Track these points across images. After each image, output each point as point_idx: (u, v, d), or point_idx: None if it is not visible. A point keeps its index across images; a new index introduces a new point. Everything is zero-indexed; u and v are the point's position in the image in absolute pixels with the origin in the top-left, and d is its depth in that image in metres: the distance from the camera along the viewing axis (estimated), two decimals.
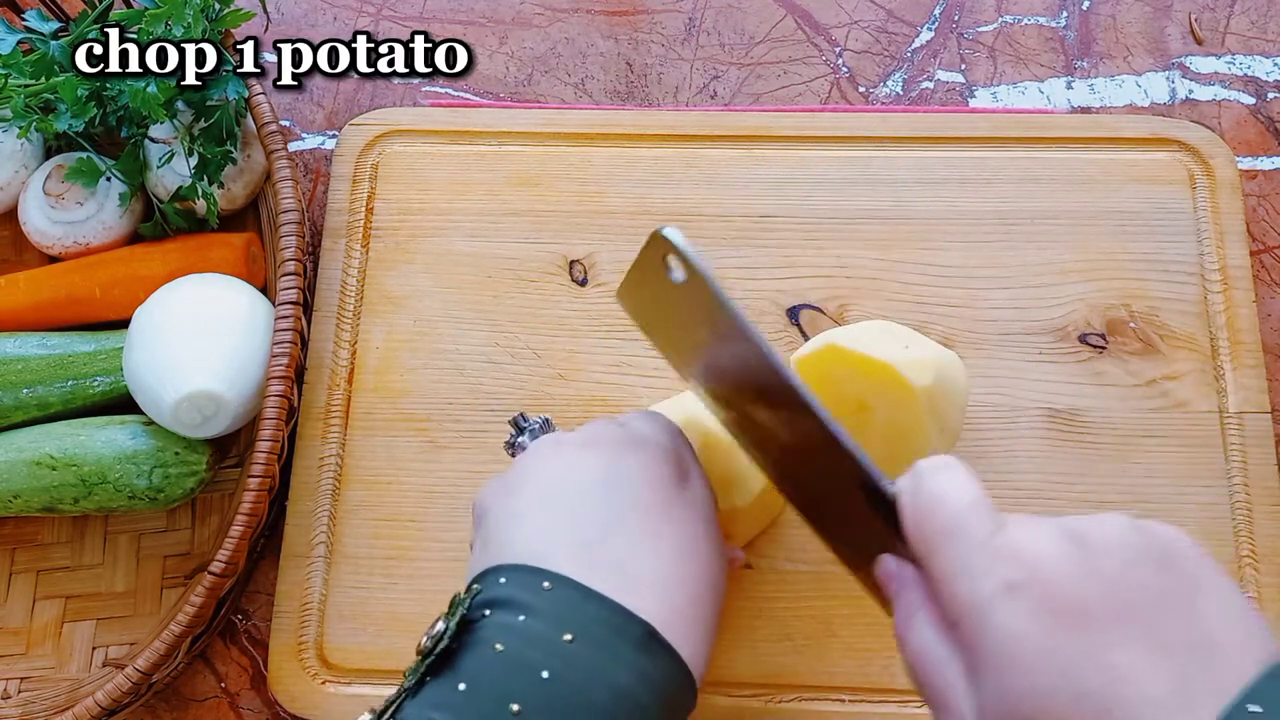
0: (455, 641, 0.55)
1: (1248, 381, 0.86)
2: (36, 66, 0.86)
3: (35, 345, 0.87)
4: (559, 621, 0.55)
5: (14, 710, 0.84)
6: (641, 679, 0.55)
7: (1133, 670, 0.47)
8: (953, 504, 0.54)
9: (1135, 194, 0.92)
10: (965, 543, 0.53)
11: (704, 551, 0.63)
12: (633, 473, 0.63)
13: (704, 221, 0.93)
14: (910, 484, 0.56)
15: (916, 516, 0.55)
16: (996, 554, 0.52)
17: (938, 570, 0.54)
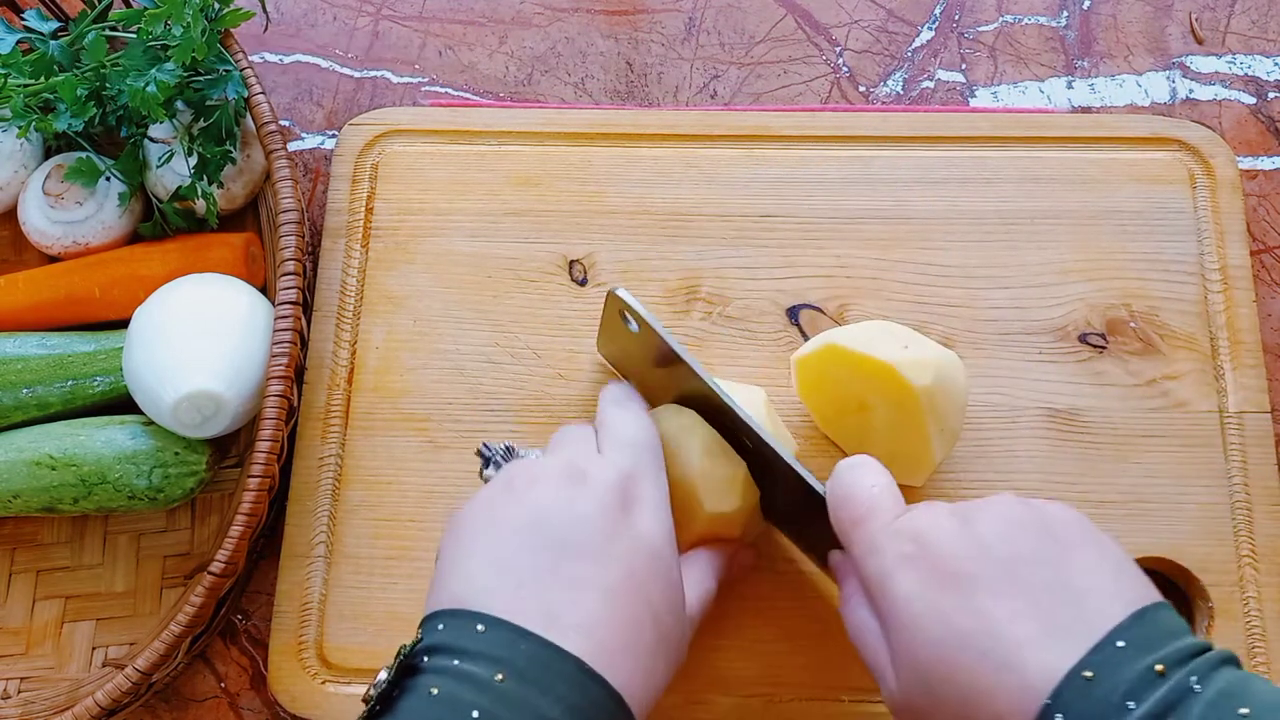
0: (396, 688, 0.57)
1: (1248, 381, 0.86)
2: (36, 66, 0.86)
3: (35, 345, 0.86)
4: (491, 662, 0.56)
5: (14, 710, 0.84)
6: (571, 712, 0.56)
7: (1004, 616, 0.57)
8: (862, 495, 0.66)
9: (1135, 194, 0.92)
10: (872, 525, 0.64)
11: (640, 583, 0.63)
12: (572, 510, 0.64)
13: (704, 221, 0.93)
14: (830, 482, 0.68)
15: (834, 509, 0.67)
16: (896, 533, 0.63)
17: (854, 552, 0.65)
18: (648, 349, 0.78)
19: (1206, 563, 0.82)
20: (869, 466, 0.68)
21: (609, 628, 0.60)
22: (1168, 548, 0.82)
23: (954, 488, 0.84)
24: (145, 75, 0.84)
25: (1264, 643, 0.80)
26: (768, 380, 0.87)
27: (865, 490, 0.66)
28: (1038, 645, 0.55)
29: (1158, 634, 0.55)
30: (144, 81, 0.84)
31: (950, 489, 0.84)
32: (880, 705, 0.79)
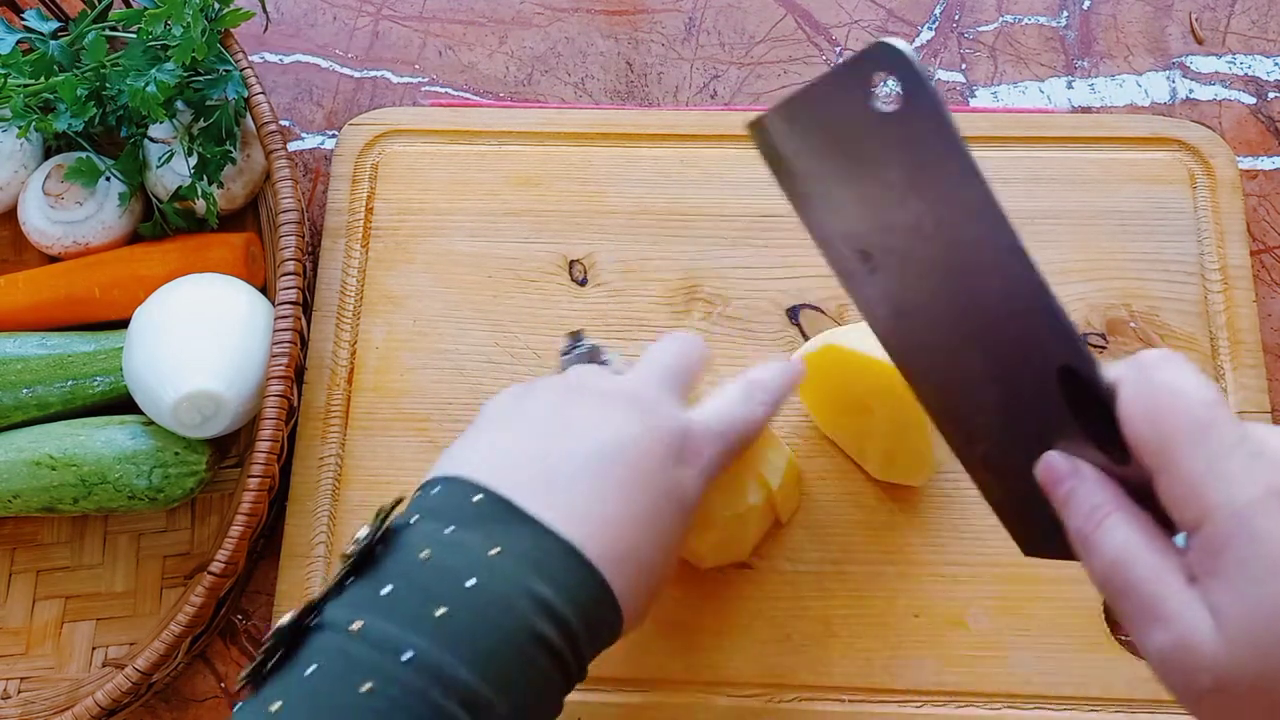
0: (381, 546, 0.56)
1: (1248, 381, 0.86)
2: (36, 66, 0.86)
3: (35, 345, 0.86)
4: (487, 536, 0.55)
5: (14, 710, 0.84)
6: (562, 593, 0.54)
7: None
8: (1194, 400, 0.48)
9: (1135, 193, 0.91)
10: (1215, 444, 0.47)
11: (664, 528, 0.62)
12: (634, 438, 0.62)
13: (704, 221, 0.93)
14: (1135, 374, 0.50)
15: (1150, 412, 0.49)
16: (1256, 458, 0.47)
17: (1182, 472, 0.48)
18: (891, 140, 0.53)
19: None
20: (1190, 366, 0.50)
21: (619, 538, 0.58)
22: None
23: (954, 488, 0.84)
24: (145, 75, 0.84)
25: None
26: None
27: (1197, 395, 0.48)
28: None
29: None
30: (144, 81, 0.84)
31: (950, 489, 0.84)
32: (880, 706, 0.79)
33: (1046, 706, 0.78)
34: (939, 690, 0.79)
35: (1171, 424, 0.48)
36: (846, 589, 0.81)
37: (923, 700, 0.79)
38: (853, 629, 0.81)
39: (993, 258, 0.52)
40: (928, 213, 0.54)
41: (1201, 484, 0.47)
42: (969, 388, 0.59)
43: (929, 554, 0.82)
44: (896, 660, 0.80)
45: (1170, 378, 0.49)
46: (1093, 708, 0.78)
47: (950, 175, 0.51)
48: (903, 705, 0.79)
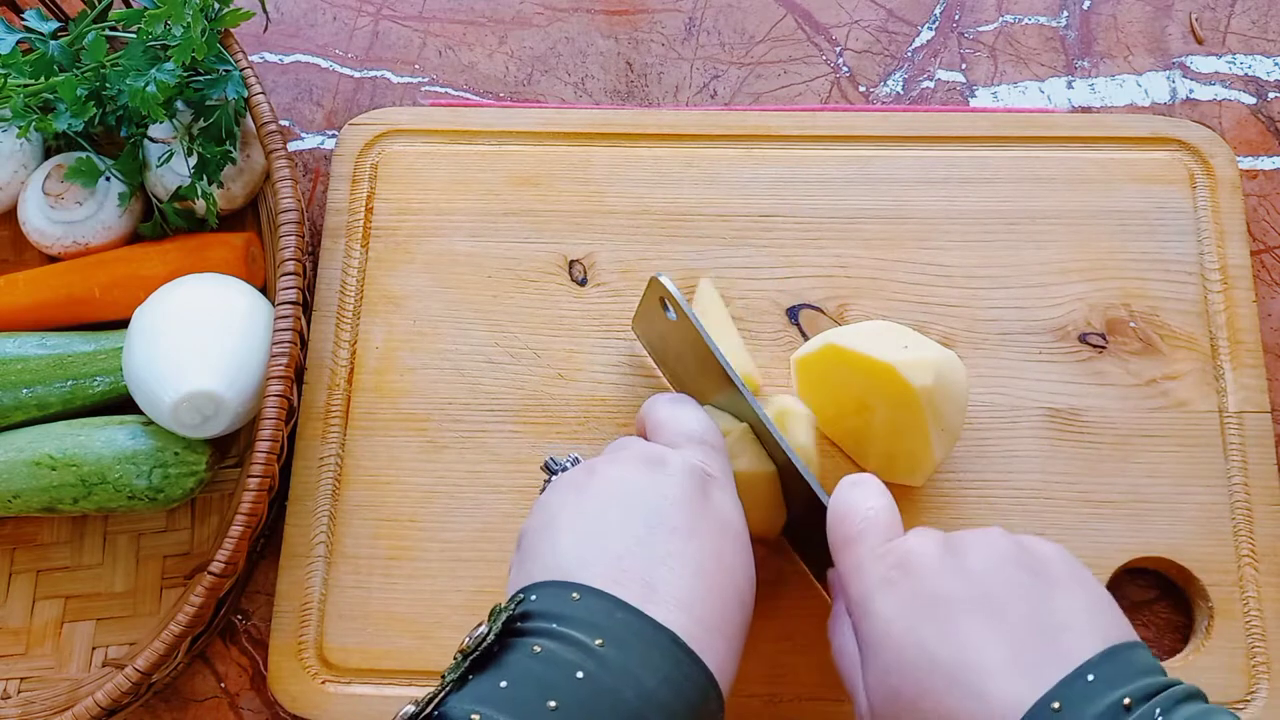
0: (497, 644, 0.57)
1: (1247, 381, 0.86)
2: (36, 66, 0.86)
3: (35, 345, 0.86)
4: (590, 628, 0.57)
5: (14, 710, 0.84)
6: (666, 683, 0.56)
7: (977, 644, 0.57)
8: (858, 515, 0.66)
9: (1135, 193, 0.92)
10: (861, 547, 0.64)
11: (729, 565, 0.64)
12: (657, 490, 0.65)
13: (704, 221, 0.93)
14: (831, 498, 0.68)
15: (831, 525, 0.67)
16: (882, 556, 0.63)
17: (841, 571, 0.65)
18: (683, 341, 0.78)
19: (1206, 563, 0.82)
20: (870, 487, 0.68)
21: (704, 606, 0.61)
22: (1167, 548, 0.82)
23: (954, 488, 0.84)
24: (145, 75, 0.84)
25: (1264, 643, 0.80)
26: (767, 380, 0.87)
27: (861, 510, 0.66)
28: (1007, 675, 0.56)
29: (1128, 670, 0.55)
30: (144, 81, 0.84)
31: (950, 489, 0.84)
32: None
33: None
34: None
35: (840, 533, 0.66)
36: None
37: None
38: None
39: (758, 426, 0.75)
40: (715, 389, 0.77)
41: (849, 578, 0.64)
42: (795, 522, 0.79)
43: None
44: None
45: (846, 496, 0.67)
46: None
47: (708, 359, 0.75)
48: None
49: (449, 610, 0.83)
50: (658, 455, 0.68)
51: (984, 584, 0.59)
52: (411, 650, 0.82)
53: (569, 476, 0.69)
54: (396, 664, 0.82)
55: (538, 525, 0.66)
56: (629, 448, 0.70)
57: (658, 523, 0.63)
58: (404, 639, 0.83)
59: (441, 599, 0.84)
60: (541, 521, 0.66)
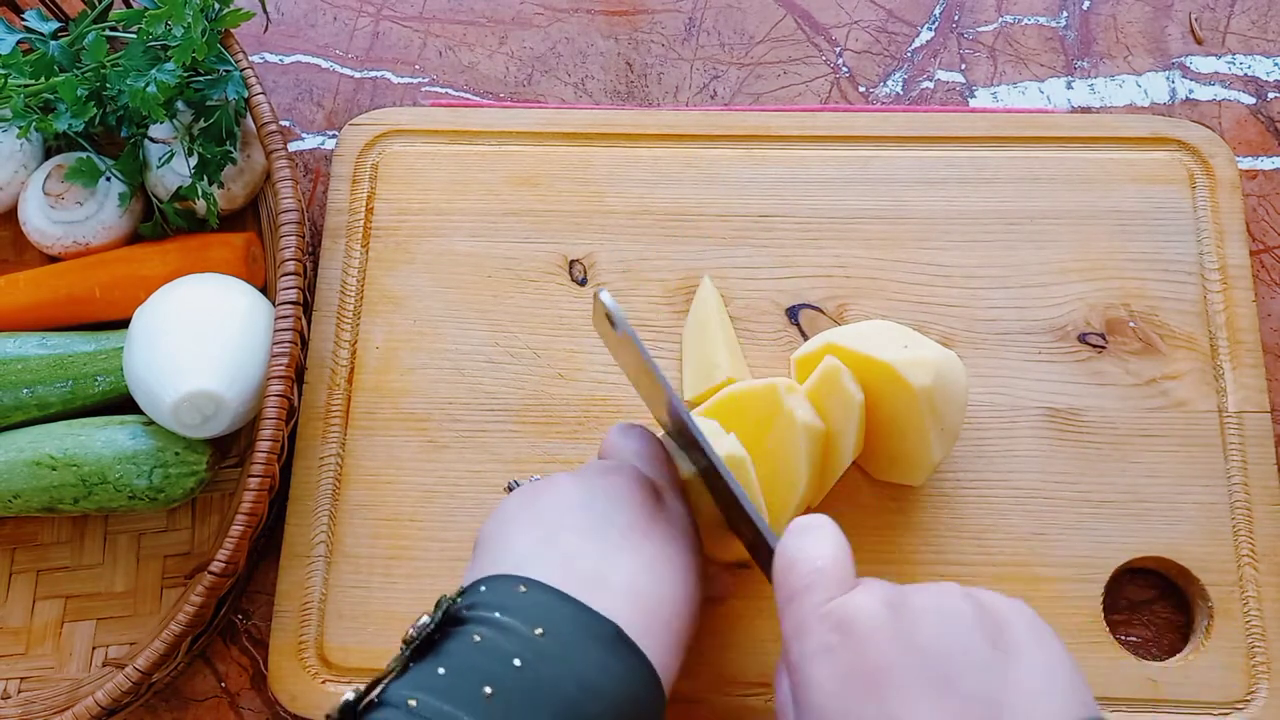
0: (438, 633, 0.58)
1: (1247, 381, 0.86)
2: (36, 66, 0.87)
3: (35, 345, 0.87)
4: (531, 619, 0.58)
5: (14, 710, 0.84)
6: (606, 674, 0.57)
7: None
8: (804, 568, 0.60)
9: (1135, 193, 0.92)
10: (805, 604, 0.58)
11: (678, 568, 0.65)
12: (610, 493, 0.67)
13: (703, 221, 0.93)
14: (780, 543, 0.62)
15: (777, 574, 0.61)
16: (824, 618, 0.57)
17: (784, 629, 0.60)
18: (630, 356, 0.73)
19: (1206, 562, 0.82)
20: (821, 534, 0.62)
21: (650, 600, 0.62)
22: (1167, 547, 0.82)
23: (954, 487, 0.84)
24: (145, 75, 0.84)
25: (1264, 642, 0.80)
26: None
27: (808, 563, 0.60)
28: None
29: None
30: (144, 82, 0.84)
31: (950, 488, 0.84)
32: None
33: None
34: None
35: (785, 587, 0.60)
36: None
37: None
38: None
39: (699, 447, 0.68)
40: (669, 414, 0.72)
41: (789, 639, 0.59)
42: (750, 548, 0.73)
43: (928, 553, 0.83)
44: None
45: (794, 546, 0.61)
46: None
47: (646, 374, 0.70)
48: None
49: None
50: (611, 465, 0.70)
51: (932, 655, 0.54)
52: None
53: (527, 486, 0.71)
54: None
55: (493, 527, 0.68)
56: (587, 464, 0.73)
57: (609, 523, 0.65)
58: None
59: None
60: (497, 523, 0.68)
